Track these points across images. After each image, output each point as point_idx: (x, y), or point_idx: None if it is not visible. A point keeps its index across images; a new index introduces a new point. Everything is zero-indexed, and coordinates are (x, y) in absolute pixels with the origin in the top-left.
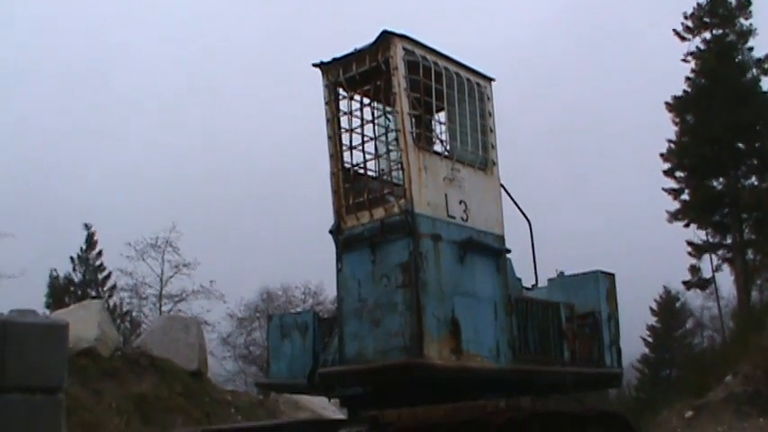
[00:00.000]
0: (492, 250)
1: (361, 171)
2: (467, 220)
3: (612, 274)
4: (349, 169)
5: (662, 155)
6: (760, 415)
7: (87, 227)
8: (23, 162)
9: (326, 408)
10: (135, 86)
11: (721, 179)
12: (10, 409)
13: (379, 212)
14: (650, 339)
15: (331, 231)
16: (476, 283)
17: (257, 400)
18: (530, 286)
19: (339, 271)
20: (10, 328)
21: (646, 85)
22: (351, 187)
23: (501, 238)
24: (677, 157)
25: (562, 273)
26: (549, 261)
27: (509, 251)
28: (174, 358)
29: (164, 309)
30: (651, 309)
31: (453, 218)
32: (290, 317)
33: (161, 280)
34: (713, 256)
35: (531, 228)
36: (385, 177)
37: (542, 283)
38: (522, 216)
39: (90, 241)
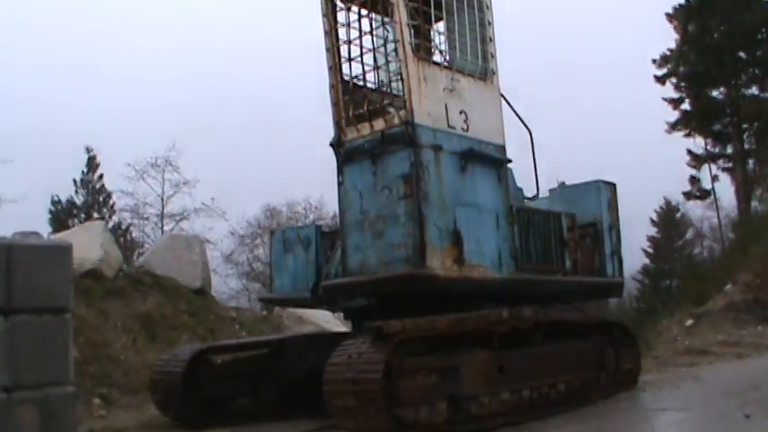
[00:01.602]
0: (493, 160)
1: (361, 83)
2: (467, 130)
3: (614, 184)
4: (348, 81)
5: (654, 61)
6: (758, 322)
7: (88, 150)
8: (21, 86)
9: (330, 321)
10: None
11: (722, 88)
12: (18, 331)
13: (379, 124)
14: (650, 250)
15: (331, 144)
16: (477, 193)
17: (261, 315)
18: (531, 197)
19: (340, 184)
20: (14, 251)
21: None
22: (350, 99)
23: (502, 149)
24: (675, 63)
25: (563, 183)
26: (550, 172)
27: (510, 161)
28: (177, 276)
29: (165, 228)
30: (651, 220)
31: (454, 128)
32: (292, 231)
33: (162, 199)
34: (712, 167)
35: (532, 138)
36: (384, 89)
37: (543, 193)
38: (522, 126)
39: (91, 164)
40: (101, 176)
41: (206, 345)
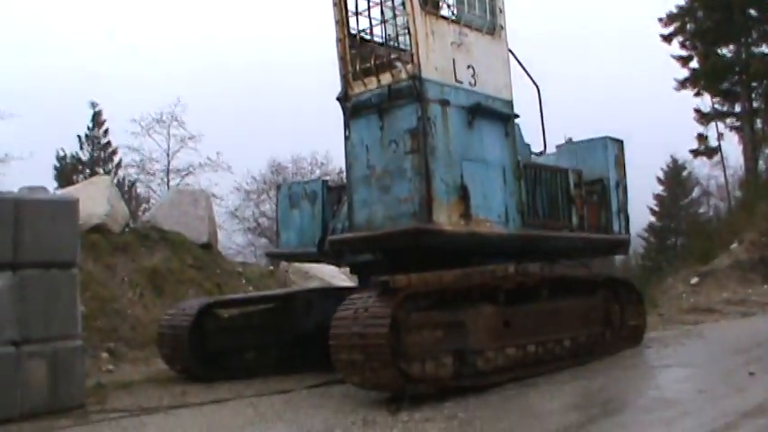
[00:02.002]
0: (500, 115)
1: (368, 37)
2: (475, 85)
3: (621, 141)
4: (355, 35)
5: (660, 20)
6: (764, 281)
7: (93, 105)
8: (27, 42)
9: (336, 276)
10: None
11: (731, 46)
12: (26, 285)
13: (386, 78)
14: (657, 208)
15: (338, 98)
16: (484, 148)
17: (267, 270)
18: (538, 153)
19: (347, 138)
20: (22, 206)
21: None
22: (357, 53)
23: (509, 104)
24: (682, 20)
25: (570, 139)
26: (558, 128)
27: (517, 116)
28: (183, 231)
29: (171, 183)
30: (658, 178)
31: (461, 83)
32: (298, 186)
33: (168, 155)
34: (719, 124)
35: (540, 93)
36: (392, 43)
37: (551, 149)
38: (530, 81)
39: (96, 119)
40: (106, 132)
41: (213, 299)
